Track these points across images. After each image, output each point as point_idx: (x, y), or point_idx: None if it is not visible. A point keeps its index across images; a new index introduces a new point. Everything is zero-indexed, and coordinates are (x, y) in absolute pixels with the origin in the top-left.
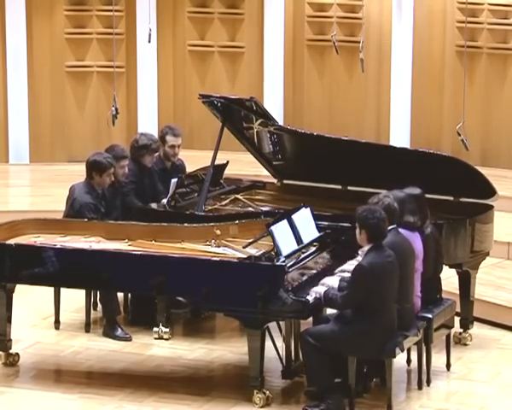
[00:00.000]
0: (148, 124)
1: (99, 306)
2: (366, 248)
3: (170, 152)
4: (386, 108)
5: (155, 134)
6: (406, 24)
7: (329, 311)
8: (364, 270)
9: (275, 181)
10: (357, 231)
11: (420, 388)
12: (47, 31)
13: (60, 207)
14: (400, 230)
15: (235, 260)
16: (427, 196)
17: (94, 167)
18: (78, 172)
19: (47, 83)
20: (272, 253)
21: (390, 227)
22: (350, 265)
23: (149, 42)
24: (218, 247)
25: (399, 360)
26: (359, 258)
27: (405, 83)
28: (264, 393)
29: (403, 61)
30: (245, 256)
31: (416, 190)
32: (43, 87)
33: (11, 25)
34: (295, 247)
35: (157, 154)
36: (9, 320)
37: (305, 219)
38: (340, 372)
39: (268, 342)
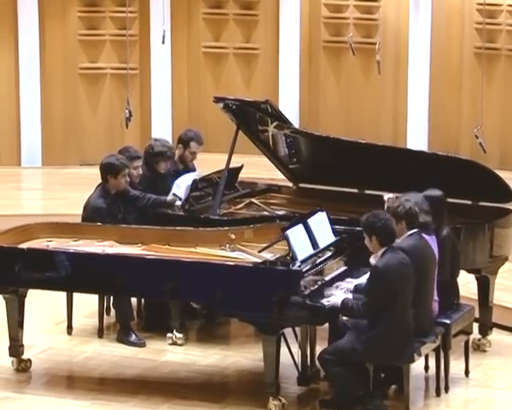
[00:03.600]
0: (161, 127)
1: (112, 311)
2: (379, 252)
3: (189, 157)
4: (404, 111)
5: (169, 138)
6: (424, 25)
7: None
8: (380, 271)
9: (290, 184)
10: (367, 240)
11: (438, 395)
12: (60, 32)
13: (72, 211)
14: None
15: (250, 265)
16: (446, 199)
17: (108, 170)
18: (91, 176)
19: (59, 85)
20: (288, 257)
21: (412, 231)
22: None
23: (163, 43)
24: (233, 251)
25: (417, 366)
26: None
27: (423, 85)
28: (280, 400)
29: (420, 63)
30: (260, 261)
31: (436, 192)
32: (55, 89)
33: (23, 26)
34: (311, 251)
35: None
36: (21, 326)
37: (321, 223)
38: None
39: (283, 348)
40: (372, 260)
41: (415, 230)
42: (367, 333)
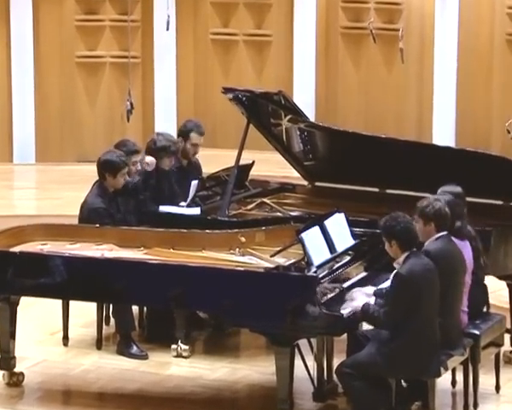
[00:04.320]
0: (166, 120)
1: (112, 320)
2: (402, 258)
3: (191, 150)
4: (429, 103)
5: (174, 132)
6: (451, 10)
7: (365, 326)
8: (404, 278)
9: (305, 183)
10: (387, 245)
11: None
12: (55, 18)
13: (68, 212)
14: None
15: (262, 271)
16: (475, 199)
17: (106, 168)
18: (89, 173)
19: (55, 75)
20: (303, 262)
21: (440, 234)
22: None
23: (168, 30)
24: (243, 256)
25: (443, 381)
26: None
27: (450, 75)
28: None
29: (447, 51)
30: (272, 266)
31: (455, 188)
32: (50, 80)
33: (16, 11)
34: (328, 256)
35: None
36: (13, 336)
37: (338, 225)
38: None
39: (298, 361)
40: (396, 265)
41: (443, 232)
42: (389, 344)
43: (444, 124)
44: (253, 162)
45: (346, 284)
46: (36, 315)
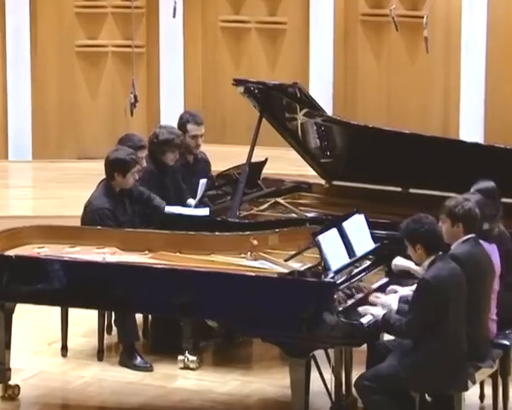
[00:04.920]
0: (172, 114)
1: (114, 330)
2: (427, 262)
3: (192, 143)
4: (456, 96)
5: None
6: None
7: (387, 335)
8: (429, 284)
9: (322, 182)
10: (410, 250)
11: None
12: (53, 4)
13: (68, 212)
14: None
15: (275, 276)
16: (505, 200)
17: (116, 166)
18: (90, 171)
19: (53, 66)
20: (319, 267)
21: (467, 236)
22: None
23: (174, 17)
24: (255, 260)
25: (471, 395)
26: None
27: (478, 65)
28: None
29: (475, 39)
30: (287, 271)
31: (488, 184)
32: (48, 71)
33: None
34: (347, 260)
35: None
36: (8, 346)
37: (358, 227)
38: None
39: (314, 374)
40: (420, 271)
41: (471, 235)
42: (412, 356)
43: (472, 118)
44: (266, 160)
45: (365, 291)
46: (32, 324)
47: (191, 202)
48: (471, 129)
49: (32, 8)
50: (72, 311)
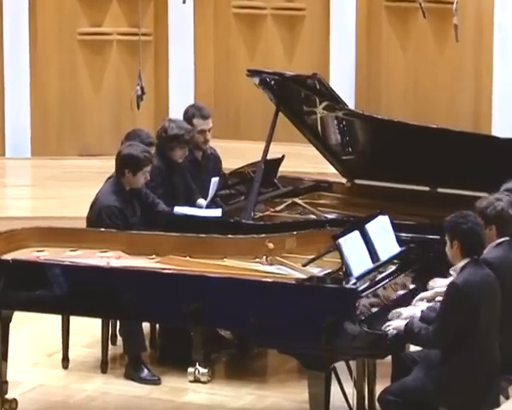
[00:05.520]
0: (181, 108)
1: (119, 340)
2: (460, 264)
3: (200, 138)
4: (488, 88)
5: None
6: None
7: (413, 347)
8: (459, 289)
9: (343, 181)
10: (448, 244)
11: None
12: None
13: (69, 213)
14: None
15: (293, 282)
16: None
17: (127, 163)
18: (93, 169)
19: (53, 55)
20: (340, 273)
21: (501, 239)
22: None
23: (184, 2)
24: (271, 265)
25: None
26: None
27: None
28: None
29: (509, 27)
30: (305, 277)
31: None
32: (48, 61)
33: None
34: (370, 265)
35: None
36: (5, 357)
37: (382, 229)
38: None
39: (334, 387)
40: (452, 273)
41: (505, 238)
42: (439, 368)
43: (505, 112)
44: (283, 156)
45: (390, 298)
46: (31, 333)
47: (202, 202)
48: (504, 124)
49: None
50: (73, 319)
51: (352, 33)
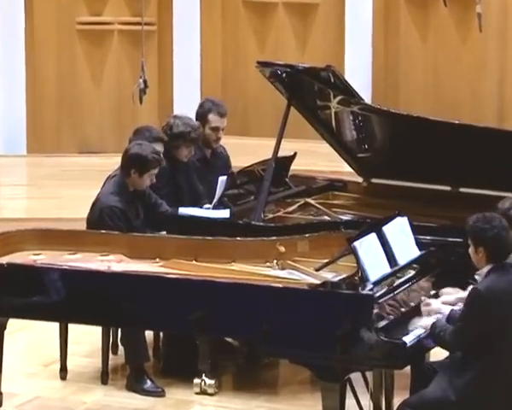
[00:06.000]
0: (186, 102)
1: (120, 349)
2: (485, 269)
3: (212, 136)
4: None
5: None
6: None
7: (434, 356)
8: (482, 295)
9: (359, 180)
10: (472, 249)
11: None
12: None
13: (68, 214)
14: None
15: (306, 288)
16: None
17: (135, 163)
18: (93, 167)
19: (51, 46)
20: (356, 278)
21: None
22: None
23: None
24: (282, 269)
25: None
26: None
27: None
28: None
29: None
30: (318, 282)
31: None
32: (46, 52)
33: None
34: (387, 270)
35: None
36: None
37: (400, 231)
38: None
39: (350, 400)
40: (477, 277)
41: None
42: (464, 376)
43: None
44: (295, 154)
45: (409, 305)
46: (27, 342)
47: (208, 206)
48: None
49: None
50: (72, 327)
51: (368, 23)
